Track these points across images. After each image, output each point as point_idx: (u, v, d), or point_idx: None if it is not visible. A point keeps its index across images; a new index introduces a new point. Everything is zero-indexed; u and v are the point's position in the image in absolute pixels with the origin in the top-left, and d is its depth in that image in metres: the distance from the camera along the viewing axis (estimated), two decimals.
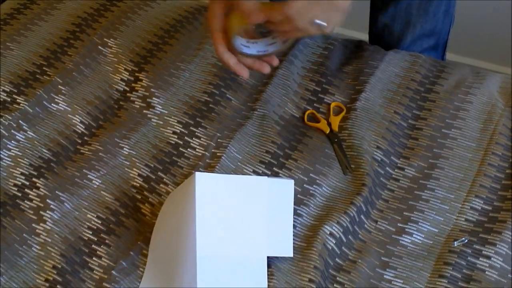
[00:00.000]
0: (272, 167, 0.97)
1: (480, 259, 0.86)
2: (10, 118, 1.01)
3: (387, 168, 0.97)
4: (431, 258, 0.87)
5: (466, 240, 0.88)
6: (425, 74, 1.08)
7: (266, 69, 0.92)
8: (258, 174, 0.96)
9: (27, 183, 0.95)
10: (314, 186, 0.95)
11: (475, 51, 1.91)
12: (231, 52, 0.89)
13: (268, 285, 0.84)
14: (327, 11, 0.82)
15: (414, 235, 0.90)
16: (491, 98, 1.04)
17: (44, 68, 1.10)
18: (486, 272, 0.85)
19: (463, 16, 1.81)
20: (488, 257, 0.86)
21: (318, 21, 0.82)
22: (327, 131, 1.01)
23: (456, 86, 1.06)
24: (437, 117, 1.02)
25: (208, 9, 0.89)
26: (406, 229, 0.90)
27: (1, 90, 1.06)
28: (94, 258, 0.87)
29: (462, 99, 1.03)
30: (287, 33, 0.87)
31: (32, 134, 1.01)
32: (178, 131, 1.02)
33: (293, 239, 0.88)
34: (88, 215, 0.92)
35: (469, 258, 0.86)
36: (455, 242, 0.88)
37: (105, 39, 1.13)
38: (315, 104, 1.05)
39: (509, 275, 0.85)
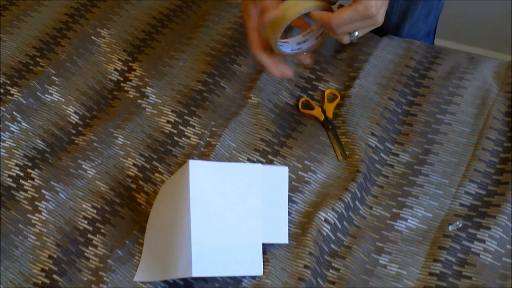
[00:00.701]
0: (266, 154, 0.97)
1: (475, 243, 0.86)
2: (4, 109, 1.01)
3: (381, 154, 0.97)
4: (425, 243, 0.88)
5: (461, 225, 0.88)
6: (419, 60, 1.08)
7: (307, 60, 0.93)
8: (252, 162, 0.96)
9: (22, 174, 0.95)
10: (308, 173, 0.95)
11: (469, 37, 1.91)
12: (266, 51, 0.89)
13: (264, 271, 0.84)
14: (367, 27, 0.83)
15: (408, 220, 0.90)
16: (485, 83, 1.04)
17: (37, 59, 1.10)
18: (481, 256, 0.85)
19: (457, 2, 1.81)
20: (483, 241, 0.86)
21: (355, 34, 0.84)
22: (322, 118, 1.01)
23: (450, 72, 1.05)
24: (431, 102, 1.02)
25: (242, 8, 0.89)
26: (400, 215, 0.90)
27: None
28: (89, 248, 0.88)
29: (456, 85, 1.03)
30: (321, 34, 0.87)
31: (26, 125, 1.01)
32: (172, 120, 1.02)
33: (288, 226, 0.89)
34: (83, 205, 0.92)
35: (463, 242, 0.86)
36: (450, 227, 0.88)
37: (98, 29, 1.12)
38: (309, 92, 1.05)
39: (504, 259, 0.85)
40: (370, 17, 0.80)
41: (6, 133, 0.99)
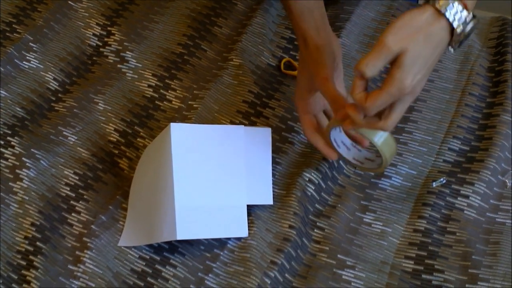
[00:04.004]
0: (249, 116, 0.96)
1: (459, 198, 0.86)
2: None
3: None
4: (410, 200, 0.88)
5: (444, 181, 0.88)
6: None
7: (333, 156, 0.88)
8: (235, 124, 0.95)
9: (2, 142, 0.93)
10: (292, 133, 0.94)
11: None
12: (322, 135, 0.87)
13: (249, 233, 0.84)
14: (407, 104, 0.74)
15: (393, 178, 0.90)
16: (468, 39, 1.03)
17: (13, 25, 1.08)
18: (465, 211, 0.85)
19: None
20: (467, 197, 0.86)
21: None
22: None
23: None
24: None
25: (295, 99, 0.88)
26: (385, 173, 0.90)
27: None
28: (73, 214, 0.87)
29: None
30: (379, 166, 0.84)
31: (5, 93, 0.99)
32: (153, 84, 1.01)
33: (273, 187, 0.88)
34: (65, 172, 0.91)
35: (447, 198, 0.86)
36: (434, 183, 0.88)
37: None
38: (291, 52, 1.04)
39: (488, 214, 0.86)
40: (406, 95, 0.71)
41: None
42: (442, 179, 0.88)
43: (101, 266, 0.82)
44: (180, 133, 0.84)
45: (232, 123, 0.96)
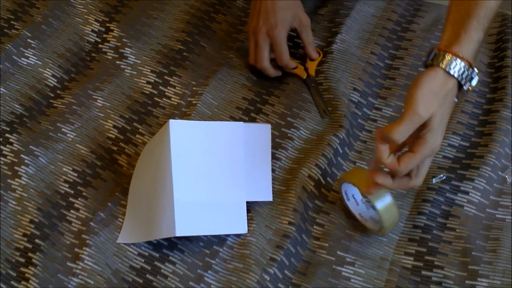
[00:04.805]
0: (249, 112, 0.96)
1: (458, 195, 0.86)
2: None
3: (364, 109, 0.96)
4: (409, 196, 0.87)
5: (444, 177, 0.88)
6: (402, 13, 1.06)
7: None
8: (235, 120, 0.95)
9: (0, 139, 0.93)
10: (291, 129, 0.94)
11: None
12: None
13: (248, 229, 0.84)
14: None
15: None
16: None
17: (11, 22, 1.07)
18: (465, 208, 0.85)
19: None
20: (466, 193, 0.86)
21: None
22: (304, 76, 0.99)
23: (433, 24, 1.04)
24: (413, 55, 1.00)
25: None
26: (384, 169, 0.90)
27: None
28: (71, 211, 0.87)
29: (439, 37, 1.01)
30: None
31: (3, 90, 0.99)
32: (152, 80, 1.00)
33: (272, 183, 0.88)
34: (64, 169, 0.90)
35: (447, 194, 0.86)
36: (433, 179, 0.88)
37: None
38: (291, 50, 1.03)
39: (487, 210, 0.85)
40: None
41: None
42: (442, 175, 0.88)
43: (100, 263, 0.81)
44: (179, 130, 0.84)
45: (231, 119, 0.95)
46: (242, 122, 0.88)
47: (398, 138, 0.72)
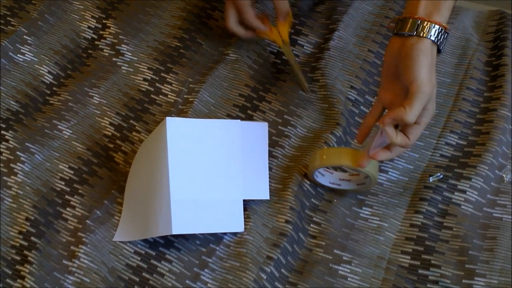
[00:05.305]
0: (246, 110, 0.96)
1: (456, 193, 0.86)
2: None
3: (361, 107, 0.96)
4: (406, 195, 0.87)
5: (441, 176, 0.88)
6: (399, 11, 1.06)
7: None
8: (232, 117, 0.95)
9: None
10: (288, 127, 0.94)
11: None
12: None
13: (245, 228, 0.84)
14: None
15: (389, 173, 0.89)
16: (466, 33, 1.03)
17: (8, 18, 1.07)
18: (462, 206, 0.85)
19: None
20: (463, 192, 0.86)
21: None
22: (281, 44, 0.99)
23: None
24: None
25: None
26: (381, 167, 0.90)
27: None
28: (67, 209, 0.86)
29: None
30: (363, 183, 0.87)
31: None
32: (149, 77, 1.00)
33: (269, 181, 0.88)
34: (60, 166, 0.90)
35: (444, 193, 0.86)
36: (431, 178, 0.88)
37: None
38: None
39: (485, 208, 0.85)
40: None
41: None
42: (439, 174, 0.88)
43: (96, 261, 0.81)
44: (176, 128, 0.83)
45: (228, 116, 0.95)
46: (239, 120, 0.88)
47: (413, 120, 0.75)
